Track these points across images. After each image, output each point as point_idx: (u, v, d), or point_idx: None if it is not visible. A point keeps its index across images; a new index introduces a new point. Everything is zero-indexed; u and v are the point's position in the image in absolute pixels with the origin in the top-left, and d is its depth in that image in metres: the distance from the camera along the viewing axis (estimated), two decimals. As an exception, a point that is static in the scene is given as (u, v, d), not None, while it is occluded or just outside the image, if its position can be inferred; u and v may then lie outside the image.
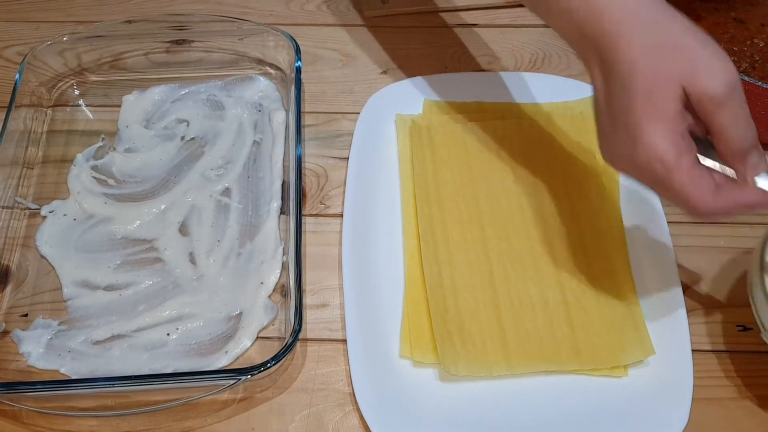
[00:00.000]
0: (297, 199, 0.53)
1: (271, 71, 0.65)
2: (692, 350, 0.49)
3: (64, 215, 0.57)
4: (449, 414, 0.48)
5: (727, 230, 0.57)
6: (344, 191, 0.57)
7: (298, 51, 0.60)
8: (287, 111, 0.62)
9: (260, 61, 0.65)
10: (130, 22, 0.63)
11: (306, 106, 0.64)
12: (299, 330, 0.47)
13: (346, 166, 0.58)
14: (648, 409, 0.48)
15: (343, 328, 0.51)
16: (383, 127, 0.61)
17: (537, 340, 0.50)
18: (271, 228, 0.56)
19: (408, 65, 0.68)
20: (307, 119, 0.63)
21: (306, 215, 0.58)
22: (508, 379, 0.49)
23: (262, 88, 0.65)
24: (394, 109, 0.62)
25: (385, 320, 0.52)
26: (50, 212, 0.57)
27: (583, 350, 0.49)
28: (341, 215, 0.56)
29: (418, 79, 0.64)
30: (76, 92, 0.64)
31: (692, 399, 0.47)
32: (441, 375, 0.50)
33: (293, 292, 0.49)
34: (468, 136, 0.60)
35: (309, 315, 0.53)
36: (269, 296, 0.53)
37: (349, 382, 0.49)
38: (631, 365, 0.50)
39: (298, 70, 0.60)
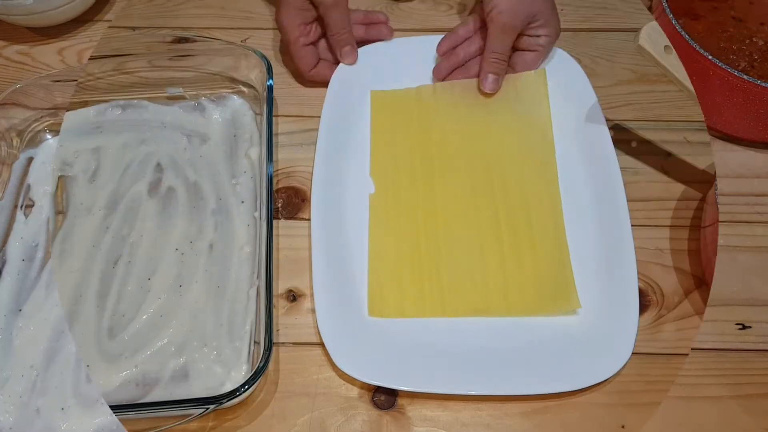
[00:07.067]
0: (268, 224, 0.52)
1: (244, 89, 0.64)
2: (692, 348, 0.49)
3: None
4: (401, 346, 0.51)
5: (725, 230, 0.57)
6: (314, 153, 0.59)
7: (269, 69, 0.60)
8: (260, 131, 0.61)
9: (233, 80, 0.64)
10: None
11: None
12: (270, 353, 0.46)
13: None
14: (596, 340, 0.50)
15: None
16: (352, 104, 0.64)
17: (471, 287, 0.54)
18: (243, 266, 0.55)
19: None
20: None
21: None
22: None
23: (236, 106, 0.64)
24: (368, 86, 0.64)
25: (353, 282, 0.54)
26: None
27: (512, 299, 0.53)
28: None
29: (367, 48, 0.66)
30: (48, 136, 0.62)
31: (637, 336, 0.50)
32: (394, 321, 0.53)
33: (263, 319, 0.48)
34: (423, 99, 0.63)
35: (308, 319, 0.53)
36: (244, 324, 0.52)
37: (349, 379, 0.50)
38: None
39: (270, 89, 0.59)
